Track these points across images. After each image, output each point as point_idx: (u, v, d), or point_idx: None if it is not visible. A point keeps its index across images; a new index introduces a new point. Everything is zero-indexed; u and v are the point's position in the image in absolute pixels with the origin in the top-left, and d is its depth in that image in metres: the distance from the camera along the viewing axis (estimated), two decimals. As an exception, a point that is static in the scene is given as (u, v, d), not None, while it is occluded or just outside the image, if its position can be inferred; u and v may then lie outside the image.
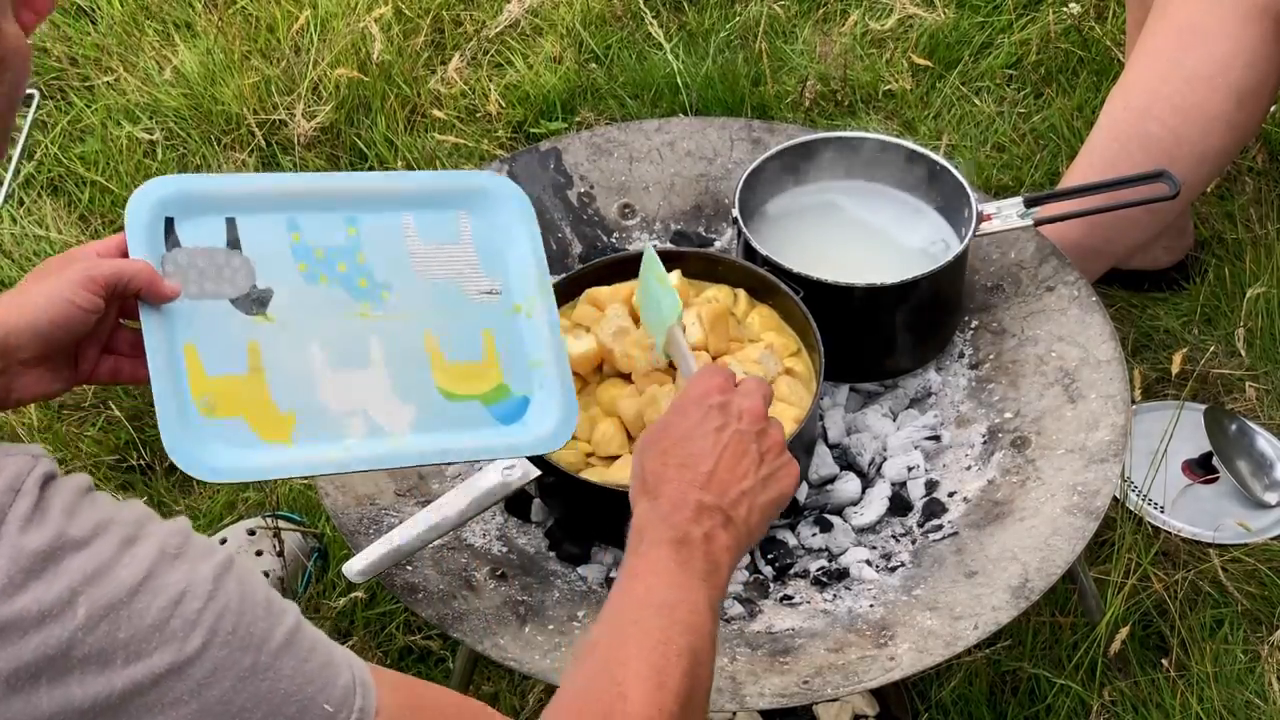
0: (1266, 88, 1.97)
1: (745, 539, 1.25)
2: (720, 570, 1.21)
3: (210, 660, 0.90)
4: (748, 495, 1.25)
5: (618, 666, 1.11)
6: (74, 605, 0.88)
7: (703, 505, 1.22)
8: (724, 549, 1.22)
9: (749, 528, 1.25)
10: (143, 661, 0.89)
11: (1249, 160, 2.48)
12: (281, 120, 2.62)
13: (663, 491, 1.24)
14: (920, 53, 2.67)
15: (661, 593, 1.17)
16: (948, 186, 1.80)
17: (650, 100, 2.63)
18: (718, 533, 1.22)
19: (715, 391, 1.30)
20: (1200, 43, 1.95)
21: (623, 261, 1.75)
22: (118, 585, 0.89)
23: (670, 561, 1.19)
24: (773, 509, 1.29)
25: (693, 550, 1.20)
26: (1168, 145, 1.97)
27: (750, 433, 1.28)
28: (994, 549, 1.57)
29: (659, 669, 1.11)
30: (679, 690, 1.10)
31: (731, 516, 1.24)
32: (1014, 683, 1.84)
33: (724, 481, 1.25)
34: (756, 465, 1.27)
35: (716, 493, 1.24)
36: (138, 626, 0.89)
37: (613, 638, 1.15)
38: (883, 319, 1.74)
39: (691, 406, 1.30)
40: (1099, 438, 1.63)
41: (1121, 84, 2.05)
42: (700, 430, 1.27)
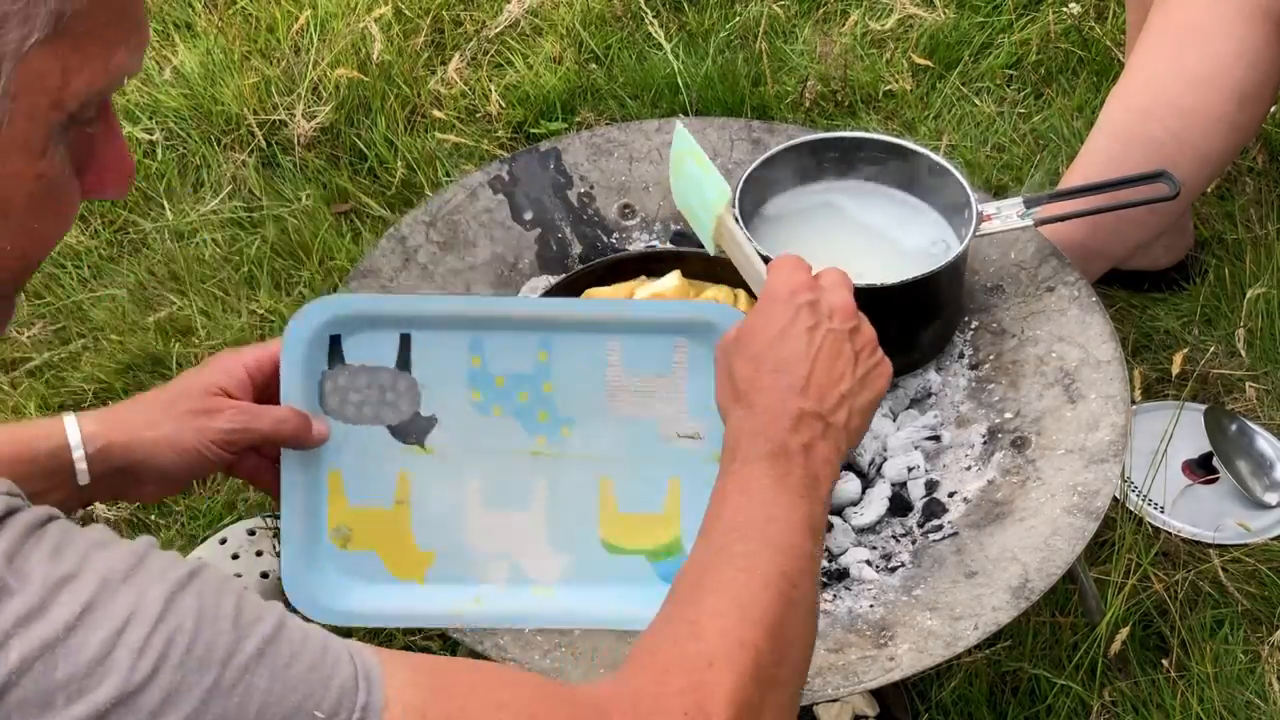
0: (1268, 89, 1.97)
1: (844, 446, 1.18)
2: (820, 484, 1.14)
3: (161, 686, 0.83)
4: (847, 398, 1.18)
5: (693, 603, 1.04)
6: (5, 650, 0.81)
7: (803, 413, 1.15)
8: (824, 460, 1.15)
9: (849, 433, 1.18)
10: (85, 698, 0.82)
11: (1249, 161, 2.48)
12: (281, 120, 2.62)
13: (757, 400, 1.16)
14: (920, 53, 2.67)
15: (751, 512, 1.10)
16: (948, 187, 1.80)
17: (650, 100, 2.63)
18: (817, 443, 1.15)
19: (803, 289, 1.21)
20: (1201, 43, 1.95)
21: (623, 262, 1.75)
22: (52, 623, 0.83)
23: (765, 478, 1.12)
24: (871, 410, 1.21)
25: (791, 463, 1.13)
26: (1169, 146, 1.97)
27: (844, 331, 1.21)
28: (994, 549, 1.57)
29: (740, 600, 1.03)
30: (767, 620, 1.03)
31: (831, 423, 1.16)
32: (1014, 683, 1.84)
33: (822, 385, 1.17)
34: (853, 365, 1.20)
35: (815, 398, 1.16)
36: (76, 663, 0.82)
37: (695, 569, 1.08)
38: (882, 319, 1.73)
39: (779, 306, 1.20)
40: (1099, 438, 1.63)
41: (1121, 85, 2.05)
42: (792, 331, 1.19)
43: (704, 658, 1.00)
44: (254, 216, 2.49)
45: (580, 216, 1.96)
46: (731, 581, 1.05)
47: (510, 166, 1.96)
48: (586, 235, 1.95)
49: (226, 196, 2.53)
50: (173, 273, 2.41)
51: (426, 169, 2.52)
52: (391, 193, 2.52)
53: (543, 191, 1.95)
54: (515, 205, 1.94)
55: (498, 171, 1.95)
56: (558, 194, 1.95)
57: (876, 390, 1.22)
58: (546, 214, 1.94)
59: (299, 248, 2.42)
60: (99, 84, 0.86)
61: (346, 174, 2.55)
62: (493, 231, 1.92)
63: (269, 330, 2.31)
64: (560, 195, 1.95)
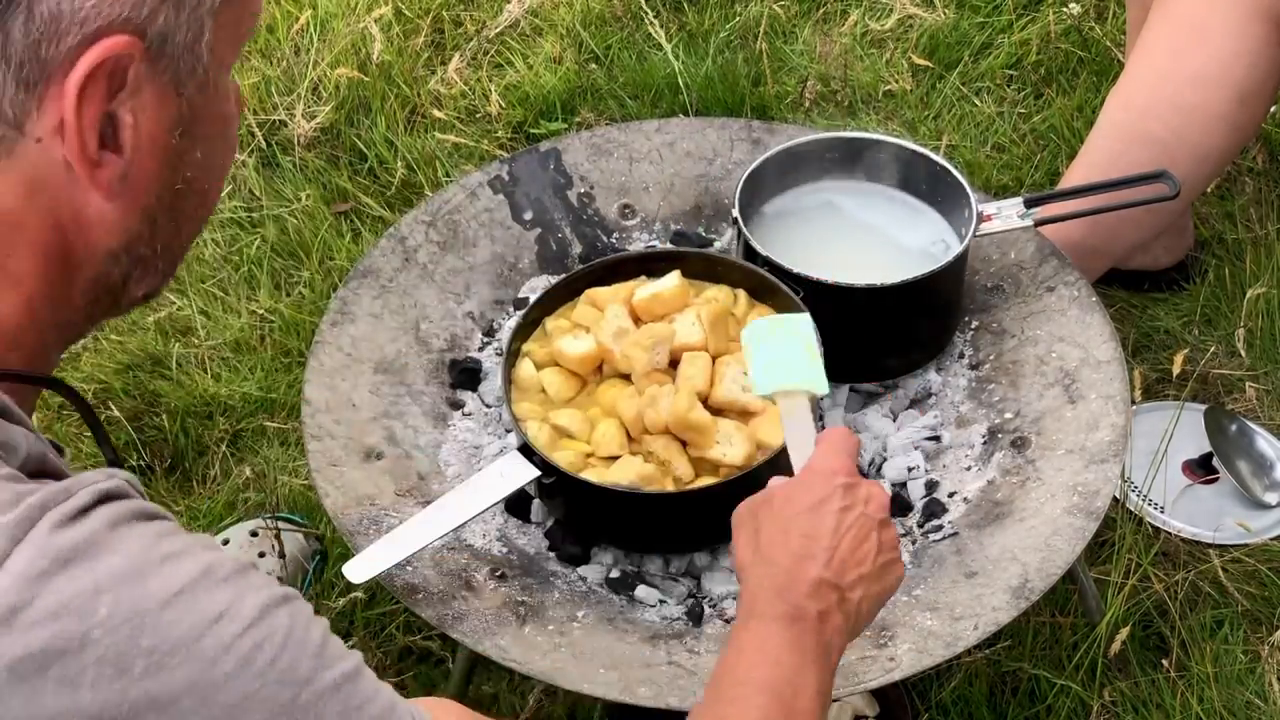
0: (1268, 88, 1.97)
1: (854, 624, 1.21)
2: (831, 654, 1.17)
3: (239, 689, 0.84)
4: (864, 581, 1.21)
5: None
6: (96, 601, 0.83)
7: (822, 581, 1.18)
8: (835, 630, 1.18)
9: (859, 615, 1.21)
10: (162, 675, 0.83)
11: (1249, 160, 2.48)
12: (281, 120, 2.62)
13: (779, 562, 1.20)
14: (920, 53, 2.67)
15: (768, 671, 1.14)
16: (948, 187, 1.80)
17: (650, 101, 2.63)
18: (833, 613, 1.18)
19: (843, 471, 1.25)
20: (1202, 42, 1.95)
21: (623, 262, 1.75)
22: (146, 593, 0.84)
23: (781, 639, 1.16)
24: (880, 602, 1.25)
25: (806, 628, 1.16)
26: (1169, 145, 1.97)
27: (875, 519, 1.24)
28: (994, 549, 1.57)
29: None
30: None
31: (847, 598, 1.20)
32: (1014, 683, 1.84)
33: (844, 562, 1.21)
34: (875, 554, 1.23)
35: (836, 571, 1.20)
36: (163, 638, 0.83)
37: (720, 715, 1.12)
38: (883, 319, 1.74)
39: (819, 480, 1.25)
40: (1099, 438, 1.63)
41: (1122, 83, 2.05)
42: (827, 507, 1.23)
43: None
44: (254, 216, 2.49)
45: (580, 216, 1.96)
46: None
47: (510, 166, 1.96)
48: (586, 235, 1.95)
49: (226, 196, 2.53)
50: (172, 273, 2.41)
51: (426, 169, 2.52)
52: (391, 193, 2.52)
53: (543, 191, 1.95)
54: (515, 205, 1.94)
55: (498, 171, 1.95)
56: (558, 194, 1.95)
57: (888, 586, 1.25)
58: (546, 214, 1.94)
59: (299, 248, 2.43)
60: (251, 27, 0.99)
61: (346, 174, 2.55)
62: (493, 231, 1.92)
63: (269, 330, 2.31)
64: (560, 195, 1.95)
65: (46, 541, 0.84)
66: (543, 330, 1.70)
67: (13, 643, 0.82)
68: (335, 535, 1.96)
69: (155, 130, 0.95)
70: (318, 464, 1.63)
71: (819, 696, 1.13)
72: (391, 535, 1.49)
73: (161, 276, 1.02)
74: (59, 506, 0.85)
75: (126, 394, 2.20)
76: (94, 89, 0.90)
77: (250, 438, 2.17)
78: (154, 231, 0.99)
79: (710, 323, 1.64)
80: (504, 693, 1.85)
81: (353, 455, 1.66)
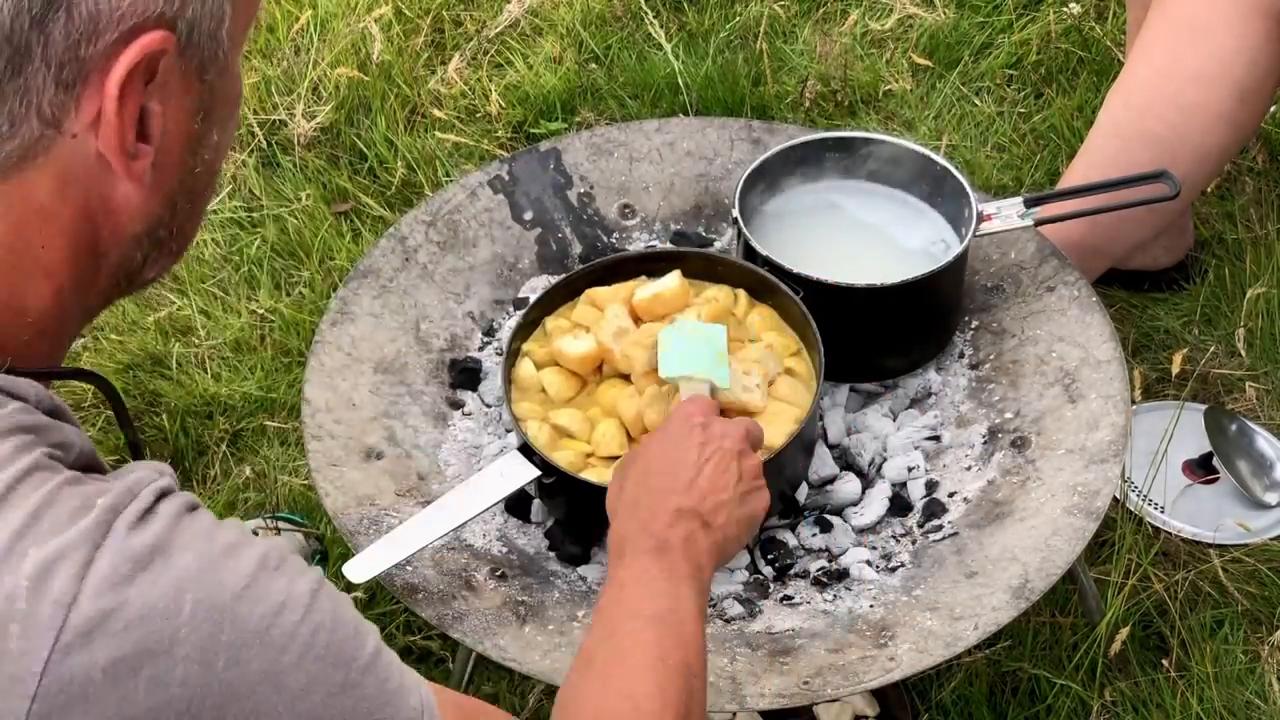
0: (1268, 86, 1.97)
1: (723, 546, 1.31)
2: (704, 573, 1.27)
3: (304, 673, 0.89)
4: (725, 506, 1.32)
5: (625, 683, 1.13)
6: (180, 600, 0.86)
7: (681, 510, 1.29)
8: (704, 551, 1.28)
9: (725, 536, 1.31)
10: (240, 666, 0.87)
11: (1249, 160, 2.48)
12: (281, 120, 2.62)
13: (642, 500, 1.30)
14: (920, 53, 2.67)
15: (652, 603, 1.21)
16: (948, 186, 1.80)
17: (650, 100, 2.63)
18: (697, 535, 1.28)
19: (698, 414, 1.39)
20: (1201, 40, 1.95)
21: (623, 262, 1.75)
22: (221, 588, 0.88)
23: (655, 570, 1.24)
24: (746, 526, 1.35)
25: (674, 554, 1.25)
26: (1169, 143, 1.96)
27: (732, 451, 1.36)
28: (994, 549, 1.57)
29: (661, 686, 1.13)
30: (679, 708, 1.14)
31: (709, 522, 1.30)
32: (1014, 683, 1.84)
33: (704, 490, 1.31)
34: (735, 481, 1.34)
35: (696, 499, 1.30)
36: (240, 631, 0.87)
37: (610, 652, 1.17)
38: (883, 319, 1.74)
39: (675, 425, 1.38)
40: (1099, 438, 1.63)
41: (1121, 82, 2.05)
42: (683, 444, 1.35)
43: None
44: (254, 216, 2.49)
45: (580, 216, 1.96)
46: (651, 667, 1.15)
47: (510, 166, 1.96)
48: (586, 235, 1.95)
49: (226, 196, 2.53)
50: (173, 272, 2.41)
51: (426, 169, 2.52)
52: (391, 192, 2.52)
53: (543, 191, 1.95)
54: (515, 205, 1.94)
55: (498, 171, 1.95)
56: (558, 194, 1.95)
57: (754, 510, 1.36)
58: (546, 214, 1.94)
59: (299, 247, 2.43)
60: (260, 3, 1.03)
61: (346, 174, 2.55)
62: (493, 231, 1.92)
63: (269, 330, 2.31)
64: (560, 195, 1.95)
65: (124, 544, 0.87)
66: (543, 330, 1.70)
67: (107, 646, 0.85)
68: (335, 535, 1.96)
69: (180, 117, 0.96)
70: (318, 464, 1.63)
71: (699, 619, 1.22)
72: (391, 535, 1.49)
73: (174, 257, 1.04)
74: (128, 509, 0.89)
75: (127, 393, 2.20)
76: (132, 85, 0.91)
77: (250, 437, 2.17)
78: (173, 214, 1.01)
79: (710, 322, 1.64)
80: (504, 692, 1.85)
81: (353, 455, 1.66)
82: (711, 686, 1.44)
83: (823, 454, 1.69)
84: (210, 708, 0.87)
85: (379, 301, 1.81)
